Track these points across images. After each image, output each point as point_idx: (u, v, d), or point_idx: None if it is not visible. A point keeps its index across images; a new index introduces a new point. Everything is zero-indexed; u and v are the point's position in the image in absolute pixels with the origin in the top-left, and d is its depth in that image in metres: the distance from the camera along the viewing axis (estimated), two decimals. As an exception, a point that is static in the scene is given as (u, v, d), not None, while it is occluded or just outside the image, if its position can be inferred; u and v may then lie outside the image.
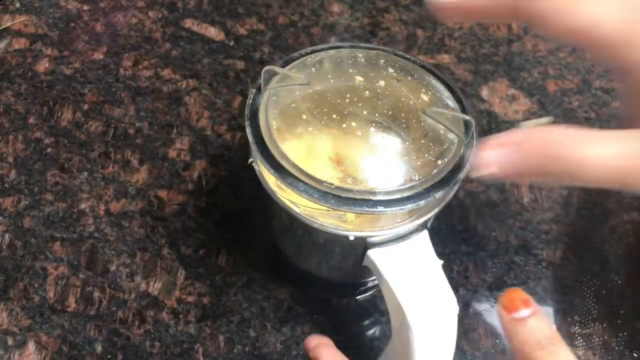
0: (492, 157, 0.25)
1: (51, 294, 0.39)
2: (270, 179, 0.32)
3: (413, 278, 0.29)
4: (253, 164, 0.31)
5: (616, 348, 0.39)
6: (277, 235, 0.39)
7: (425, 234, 0.30)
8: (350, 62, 0.36)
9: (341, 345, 0.38)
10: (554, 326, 0.27)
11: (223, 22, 0.51)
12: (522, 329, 0.26)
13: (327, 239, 0.32)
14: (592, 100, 0.50)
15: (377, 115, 0.41)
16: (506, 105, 0.49)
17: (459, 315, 0.29)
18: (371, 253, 0.30)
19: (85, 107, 0.46)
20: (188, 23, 0.50)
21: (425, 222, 0.30)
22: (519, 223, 0.43)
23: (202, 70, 0.48)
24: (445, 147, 0.38)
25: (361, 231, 0.35)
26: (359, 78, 0.38)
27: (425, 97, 0.36)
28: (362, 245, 0.30)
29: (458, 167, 0.31)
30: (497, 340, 0.38)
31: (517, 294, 0.27)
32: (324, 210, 0.32)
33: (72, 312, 0.38)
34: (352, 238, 0.29)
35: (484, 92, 0.50)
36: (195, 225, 0.42)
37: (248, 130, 0.31)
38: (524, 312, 0.27)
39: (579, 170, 0.24)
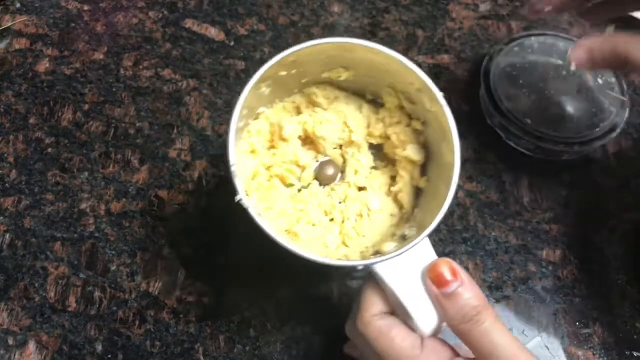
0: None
1: (52, 294, 0.39)
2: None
3: (418, 286, 0.29)
4: (241, 202, 0.30)
5: (616, 347, 0.39)
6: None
7: (425, 240, 0.30)
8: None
9: (341, 346, 0.38)
10: (481, 293, 0.28)
11: (223, 22, 0.51)
12: (451, 304, 0.27)
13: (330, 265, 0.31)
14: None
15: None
16: (506, 105, 0.48)
17: None
18: (377, 267, 0.29)
19: (86, 107, 0.46)
20: (188, 23, 0.50)
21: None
22: (519, 223, 0.44)
23: (203, 70, 0.48)
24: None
25: (368, 259, 0.33)
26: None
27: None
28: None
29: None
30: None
31: (445, 265, 0.28)
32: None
33: (72, 311, 0.38)
34: (360, 268, 0.29)
35: (484, 92, 0.50)
36: (196, 225, 0.42)
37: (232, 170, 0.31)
38: (452, 286, 0.27)
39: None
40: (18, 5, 0.50)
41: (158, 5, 0.51)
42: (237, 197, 0.30)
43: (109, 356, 0.37)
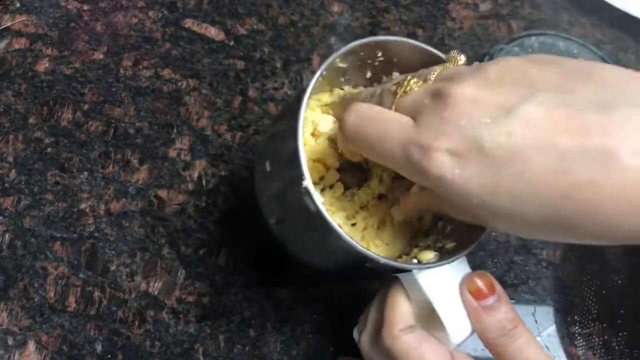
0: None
1: (51, 294, 0.39)
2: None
3: (455, 297, 0.29)
4: (307, 185, 0.27)
5: (616, 347, 0.39)
6: (291, 239, 0.35)
7: (463, 257, 0.30)
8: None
9: (341, 346, 0.38)
10: (514, 309, 0.28)
11: (223, 22, 0.51)
12: (487, 317, 0.27)
13: (378, 263, 0.30)
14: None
15: None
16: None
17: None
18: (415, 273, 0.29)
19: (86, 107, 0.46)
20: (188, 23, 0.50)
21: None
22: (519, 223, 0.43)
23: (202, 70, 0.48)
24: None
25: (423, 264, 0.32)
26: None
27: None
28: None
29: None
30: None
31: (484, 279, 0.28)
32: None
33: (72, 311, 0.38)
34: (415, 271, 0.29)
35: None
36: (195, 225, 0.42)
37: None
38: (490, 300, 0.28)
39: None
40: (18, 5, 0.50)
41: (158, 5, 0.51)
42: (304, 183, 0.27)
43: (109, 356, 0.37)
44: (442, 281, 0.29)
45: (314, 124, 0.35)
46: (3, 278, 0.39)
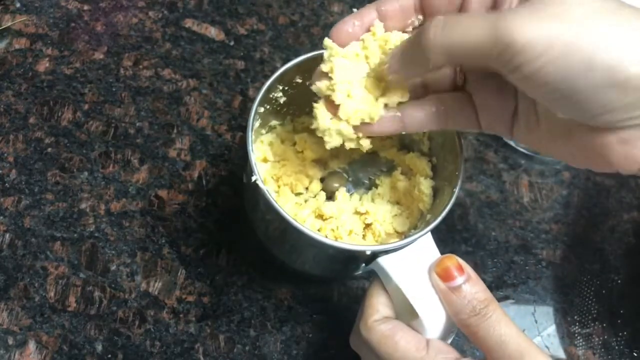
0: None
1: (51, 294, 0.39)
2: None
3: (425, 283, 0.29)
4: (257, 181, 0.30)
5: (616, 347, 0.39)
6: (274, 243, 0.38)
7: (428, 235, 0.30)
8: None
9: (341, 346, 0.38)
10: (486, 288, 0.28)
11: (223, 22, 0.51)
12: (457, 298, 0.27)
13: (338, 251, 0.31)
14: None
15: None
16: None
17: None
18: (381, 260, 0.29)
19: (86, 106, 0.46)
20: (188, 23, 0.50)
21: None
22: (519, 223, 0.44)
23: (202, 70, 0.48)
24: None
25: (378, 245, 0.34)
26: None
27: None
28: (372, 254, 0.30)
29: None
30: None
31: (451, 261, 0.28)
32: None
33: (72, 311, 0.38)
34: (368, 253, 0.29)
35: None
36: (196, 225, 0.42)
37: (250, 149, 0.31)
38: (458, 280, 0.28)
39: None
40: (18, 5, 0.50)
41: (158, 5, 0.51)
42: (254, 177, 0.30)
43: (109, 356, 0.37)
44: (409, 266, 0.29)
45: (298, 139, 0.38)
46: (3, 278, 0.39)
